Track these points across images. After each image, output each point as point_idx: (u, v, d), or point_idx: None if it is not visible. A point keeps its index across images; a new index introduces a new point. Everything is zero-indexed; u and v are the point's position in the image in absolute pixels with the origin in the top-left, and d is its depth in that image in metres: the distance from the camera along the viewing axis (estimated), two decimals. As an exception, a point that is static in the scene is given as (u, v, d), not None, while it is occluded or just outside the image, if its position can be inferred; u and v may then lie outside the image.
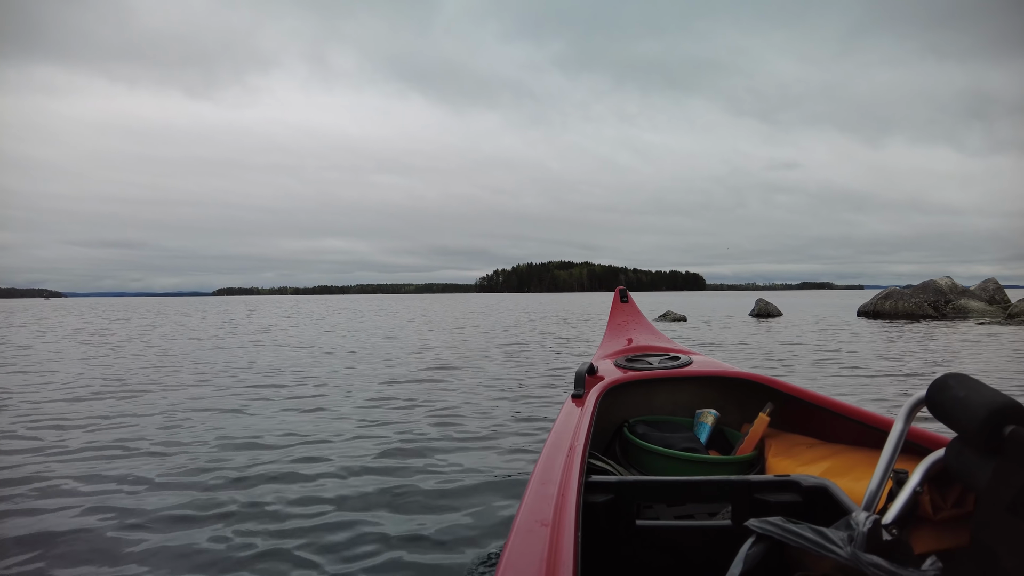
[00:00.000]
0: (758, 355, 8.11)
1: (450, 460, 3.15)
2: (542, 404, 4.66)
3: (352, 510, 2.46)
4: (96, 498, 2.60)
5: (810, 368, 6.71)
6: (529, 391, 5.28)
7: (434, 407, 4.58)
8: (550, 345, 9.80)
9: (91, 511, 2.45)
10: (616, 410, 2.30)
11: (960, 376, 1.01)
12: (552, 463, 1.28)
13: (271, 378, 6.20)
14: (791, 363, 7.15)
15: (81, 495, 2.64)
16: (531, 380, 5.93)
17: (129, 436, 3.69)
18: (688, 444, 2.02)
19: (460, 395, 5.12)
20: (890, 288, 18.07)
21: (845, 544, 0.89)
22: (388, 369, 6.85)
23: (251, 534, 2.21)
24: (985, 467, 0.92)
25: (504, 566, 0.83)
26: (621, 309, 3.41)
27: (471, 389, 5.41)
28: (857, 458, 1.60)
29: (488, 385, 5.64)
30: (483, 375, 6.33)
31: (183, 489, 2.70)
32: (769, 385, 2.12)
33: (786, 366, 6.92)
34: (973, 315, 16.38)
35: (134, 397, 5.13)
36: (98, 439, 3.62)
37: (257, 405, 4.69)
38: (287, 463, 3.08)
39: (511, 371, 6.62)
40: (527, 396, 5.03)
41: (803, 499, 1.22)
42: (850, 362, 7.15)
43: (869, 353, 8.11)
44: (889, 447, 1.10)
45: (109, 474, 2.93)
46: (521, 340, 10.76)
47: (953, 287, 17.45)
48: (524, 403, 4.73)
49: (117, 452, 3.33)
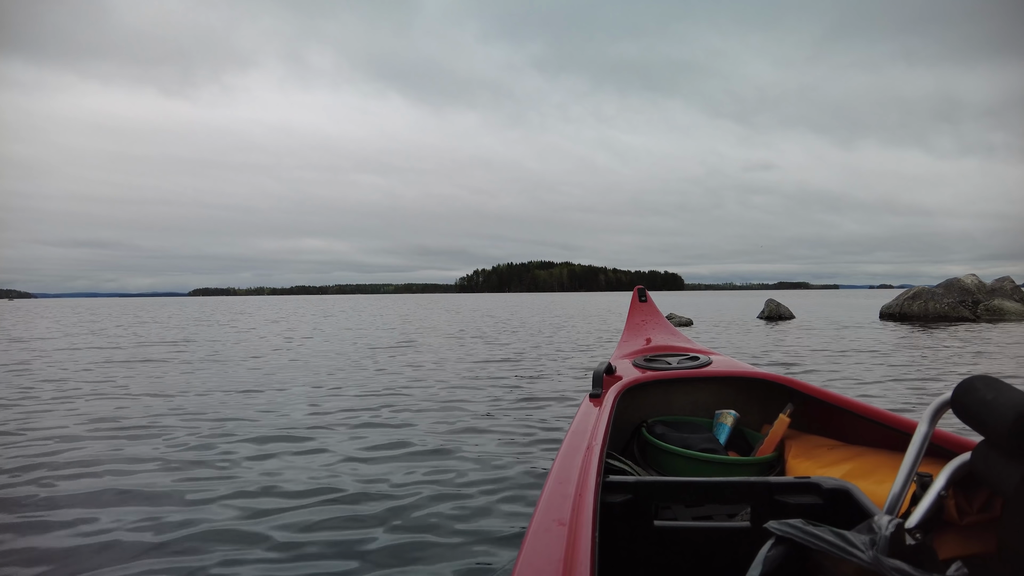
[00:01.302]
0: (792, 370, 6.52)
1: (466, 458, 3.15)
2: (559, 404, 4.66)
3: (369, 504, 2.47)
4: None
5: (869, 386, 5.35)
6: (546, 391, 5.27)
7: (447, 406, 4.58)
8: (560, 346, 9.71)
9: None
10: (634, 410, 2.30)
11: (987, 378, 1.00)
12: (569, 463, 1.28)
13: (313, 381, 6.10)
14: (836, 378, 5.85)
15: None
16: (547, 380, 5.92)
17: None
18: (707, 445, 2.03)
19: (474, 394, 5.11)
20: (917, 287, 16.16)
21: (867, 548, 0.87)
22: (396, 367, 6.81)
23: (262, 531, 2.19)
24: (1014, 471, 0.90)
25: (521, 565, 0.83)
26: (639, 309, 3.40)
27: (486, 389, 5.39)
28: (879, 460, 1.59)
29: (503, 385, 5.62)
30: (498, 376, 6.30)
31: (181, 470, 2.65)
32: (789, 386, 2.11)
33: (829, 380, 5.71)
34: (1010, 316, 14.81)
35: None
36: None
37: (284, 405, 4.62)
38: (300, 457, 3.06)
39: (526, 371, 6.60)
40: (544, 396, 5.02)
41: (824, 501, 1.21)
42: (911, 378, 5.75)
43: (930, 367, 6.57)
44: (913, 449, 1.09)
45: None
46: (529, 340, 10.73)
47: (980, 286, 15.75)
48: (541, 402, 4.73)
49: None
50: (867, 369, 6.54)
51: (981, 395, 0.97)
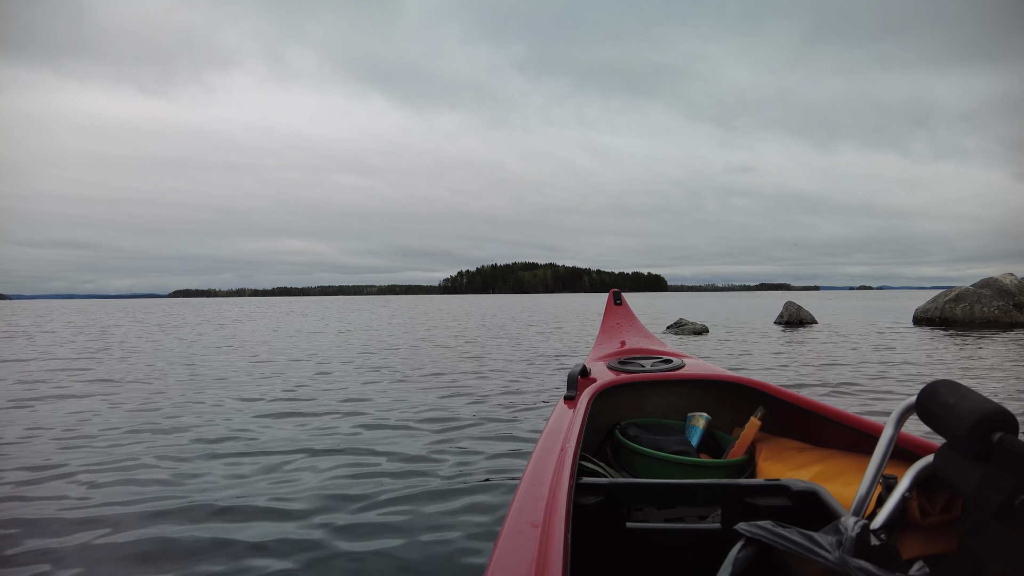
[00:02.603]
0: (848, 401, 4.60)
1: (437, 460, 3.12)
2: (533, 406, 4.65)
3: (338, 511, 2.42)
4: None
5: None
6: (520, 393, 5.25)
7: (420, 408, 4.54)
8: (538, 346, 9.70)
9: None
10: (608, 412, 2.31)
11: (950, 383, 1.01)
12: (543, 465, 1.28)
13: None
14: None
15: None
16: (522, 382, 5.91)
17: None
18: (679, 447, 2.04)
19: (447, 395, 5.07)
20: (959, 288, 14.57)
21: (834, 548, 0.89)
22: (369, 370, 6.75)
23: (227, 535, 2.15)
24: (973, 473, 0.92)
25: (493, 567, 0.84)
26: (614, 312, 3.43)
27: (459, 391, 5.36)
28: (847, 463, 1.61)
29: (476, 387, 5.59)
30: (471, 377, 6.27)
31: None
32: (760, 389, 2.13)
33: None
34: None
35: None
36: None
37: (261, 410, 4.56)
38: (273, 465, 3.00)
39: (500, 373, 6.58)
40: (518, 398, 5.00)
41: (793, 503, 1.23)
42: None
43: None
44: (879, 452, 1.11)
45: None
46: (507, 341, 10.73)
47: (1021, 286, 14.11)
48: (515, 404, 4.71)
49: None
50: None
51: (944, 399, 0.99)
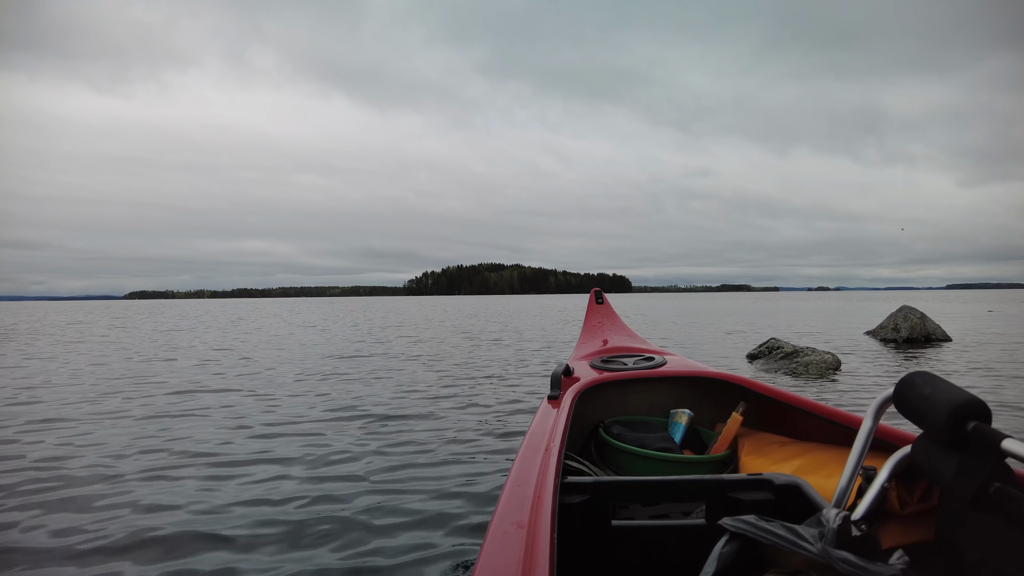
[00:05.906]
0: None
1: (422, 463, 3.10)
2: (517, 406, 4.64)
3: (324, 514, 2.39)
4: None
5: None
6: (504, 393, 5.24)
7: (405, 410, 4.50)
8: (519, 347, 9.69)
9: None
10: (592, 411, 2.32)
11: (926, 374, 1.04)
12: (528, 465, 1.28)
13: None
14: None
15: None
16: (505, 382, 5.89)
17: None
18: (663, 444, 2.06)
19: (429, 397, 5.02)
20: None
21: (816, 540, 0.91)
22: (347, 373, 6.64)
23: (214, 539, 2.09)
24: (949, 462, 0.95)
25: (480, 568, 0.83)
26: (597, 311, 3.44)
27: (442, 392, 5.32)
28: (828, 456, 1.65)
29: (460, 388, 5.56)
30: (454, 378, 6.23)
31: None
32: (742, 385, 2.17)
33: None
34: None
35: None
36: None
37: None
38: (252, 471, 2.93)
39: (483, 373, 6.55)
40: (502, 398, 4.99)
41: (775, 497, 1.24)
42: None
43: None
44: (858, 445, 1.14)
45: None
46: (486, 342, 10.67)
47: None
48: (499, 405, 4.69)
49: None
50: None
51: (920, 390, 1.02)
